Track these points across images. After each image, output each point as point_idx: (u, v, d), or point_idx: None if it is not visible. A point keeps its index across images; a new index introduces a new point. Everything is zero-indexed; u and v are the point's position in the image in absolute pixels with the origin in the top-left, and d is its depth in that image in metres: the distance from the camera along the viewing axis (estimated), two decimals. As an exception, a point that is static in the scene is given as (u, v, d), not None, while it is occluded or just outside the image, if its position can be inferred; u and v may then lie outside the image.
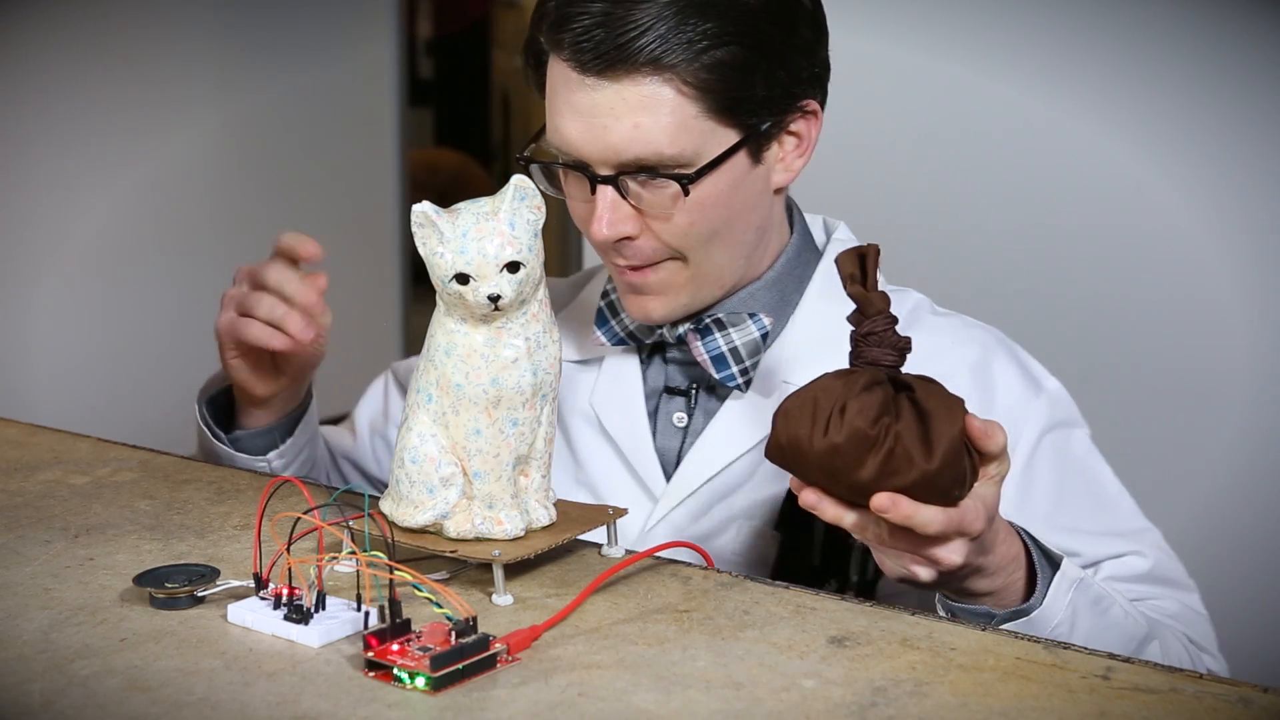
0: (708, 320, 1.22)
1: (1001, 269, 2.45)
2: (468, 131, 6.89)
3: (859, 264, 0.98)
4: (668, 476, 1.24)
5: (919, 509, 0.92)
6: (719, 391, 1.25)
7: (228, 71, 4.55)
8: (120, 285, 4.32)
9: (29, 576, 1.00)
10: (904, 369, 0.98)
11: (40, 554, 1.05)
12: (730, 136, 1.14)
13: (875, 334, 0.96)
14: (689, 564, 1.03)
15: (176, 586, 0.95)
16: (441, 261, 0.95)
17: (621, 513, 1.06)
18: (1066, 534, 1.17)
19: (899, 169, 2.53)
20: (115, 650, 0.88)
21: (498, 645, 0.86)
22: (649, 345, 1.27)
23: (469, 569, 1.01)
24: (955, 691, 0.83)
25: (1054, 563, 1.05)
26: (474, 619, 0.86)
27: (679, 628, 0.92)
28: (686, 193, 1.13)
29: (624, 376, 1.28)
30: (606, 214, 1.14)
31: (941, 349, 1.22)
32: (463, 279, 0.95)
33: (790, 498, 1.18)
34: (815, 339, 1.23)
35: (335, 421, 1.52)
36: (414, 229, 0.97)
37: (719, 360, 1.22)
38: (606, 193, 1.14)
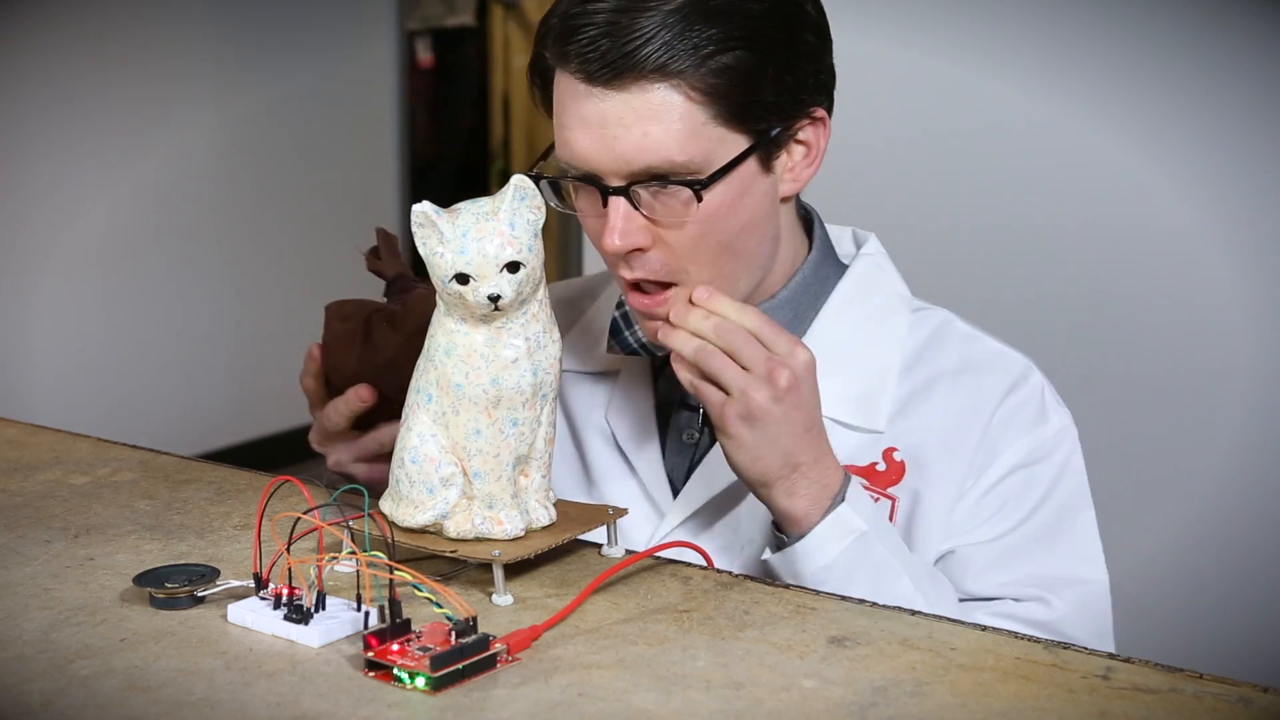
0: None
1: (1001, 269, 2.45)
2: (468, 131, 6.88)
3: (381, 241, 1.28)
4: (676, 493, 1.23)
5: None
6: None
7: (228, 71, 4.55)
8: (120, 285, 4.33)
9: (29, 576, 1.01)
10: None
11: (40, 554, 1.05)
12: (740, 143, 1.12)
13: (391, 294, 1.28)
14: (689, 564, 1.03)
15: (176, 586, 0.95)
16: (441, 261, 0.95)
17: (622, 512, 1.05)
18: (994, 562, 1.16)
19: (897, 169, 2.53)
20: (115, 650, 0.88)
21: (498, 645, 0.86)
22: (663, 356, 1.24)
23: (469, 569, 1.01)
24: (955, 691, 0.83)
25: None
26: (474, 619, 0.86)
27: (679, 628, 0.92)
28: (700, 199, 1.10)
29: (636, 389, 1.27)
30: (619, 224, 1.12)
31: (963, 373, 1.21)
32: (463, 279, 0.95)
33: None
34: (828, 356, 1.20)
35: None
36: (414, 229, 0.97)
37: None
38: (619, 204, 1.12)
